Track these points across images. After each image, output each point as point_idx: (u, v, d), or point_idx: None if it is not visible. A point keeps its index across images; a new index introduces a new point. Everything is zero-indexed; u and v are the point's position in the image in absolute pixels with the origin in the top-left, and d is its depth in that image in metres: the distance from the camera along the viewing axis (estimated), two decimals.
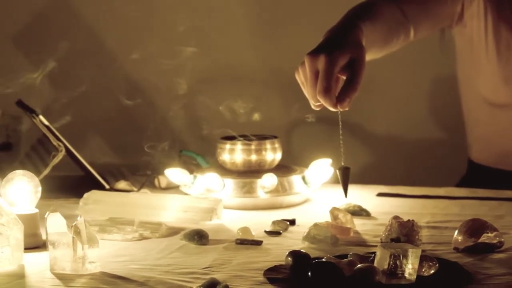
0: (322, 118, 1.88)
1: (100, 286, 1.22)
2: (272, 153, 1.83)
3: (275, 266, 1.29)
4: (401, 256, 1.20)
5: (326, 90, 1.40)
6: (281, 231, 1.55)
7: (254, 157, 1.82)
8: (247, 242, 1.46)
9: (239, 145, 1.82)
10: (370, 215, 1.68)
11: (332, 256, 1.29)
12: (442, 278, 1.23)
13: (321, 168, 1.80)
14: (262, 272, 1.27)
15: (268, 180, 1.75)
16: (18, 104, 1.96)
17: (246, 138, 1.82)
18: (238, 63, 2.55)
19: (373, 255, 1.25)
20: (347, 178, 1.44)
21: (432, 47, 2.07)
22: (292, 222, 1.61)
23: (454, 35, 1.99)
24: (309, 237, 1.44)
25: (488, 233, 1.41)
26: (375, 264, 1.22)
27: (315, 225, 1.46)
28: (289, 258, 1.26)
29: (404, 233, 1.41)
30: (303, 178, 1.80)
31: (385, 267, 1.20)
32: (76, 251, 1.26)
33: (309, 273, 1.20)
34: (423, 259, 1.22)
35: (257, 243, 1.45)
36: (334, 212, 1.56)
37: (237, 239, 1.47)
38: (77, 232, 1.27)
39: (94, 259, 1.27)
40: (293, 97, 1.93)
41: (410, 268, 1.20)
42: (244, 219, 1.64)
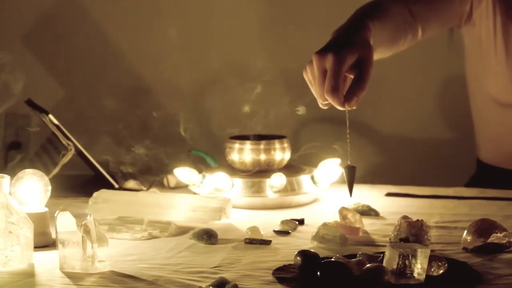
0: (331, 118, 1.89)
1: (110, 285, 1.22)
2: (281, 153, 1.83)
3: (284, 266, 1.29)
4: (410, 256, 1.20)
5: (334, 89, 1.40)
6: (290, 231, 1.55)
7: (263, 157, 1.82)
8: (256, 242, 1.46)
9: (248, 145, 1.82)
10: (379, 215, 1.68)
11: (341, 256, 1.29)
12: (451, 278, 1.23)
13: (330, 168, 1.80)
14: (271, 272, 1.27)
15: (277, 180, 1.76)
16: (28, 103, 1.96)
17: (256, 138, 1.82)
18: (247, 63, 2.55)
19: (382, 255, 1.25)
20: (353, 177, 1.44)
21: (441, 47, 2.07)
22: (301, 222, 1.61)
23: (463, 35, 1.99)
24: (318, 237, 1.44)
25: (497, 233, 1.41)
26: (384, 264, 1.22)
27: (324, 225, 1.46)
28: (298, 258, 1.26)
29: (413, 233, 1.41)
30: (312, 178, 1.80)
31: (394, 267, 1.20)
32: (86, 250, 1.27)
33: (318, 273, 1.20)
34: (432, 259, 1.23)
35: (266, 243, 1.46)
36: (343, 212, 1.56)
37: (246, 239, 1.47)
38: (87, 231, 1.27)
39: (104, 258, 1.28)
40: (302, 97, 1.94)
41: (419, 268, 1.20)
42: (253, 219, 1.64)
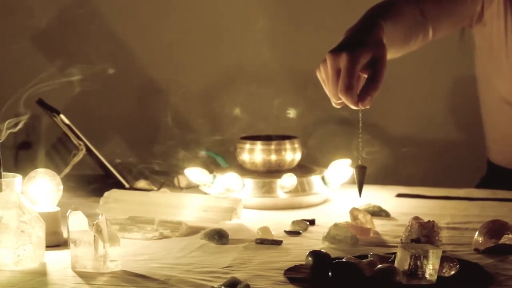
0: (342, 119, 1.88)
1: (121, 284, 1.22)
2: (292, 153, 1.83)
3: (296, 266, 1.29)
4: (422, 257, 1.20)
5: (348, 88, 1.40)
6: (301, 231, 1.55)
7: (274, 157, 1.82)
8: (267, 242, 1.46)
9: (259, 145, 1.82)
10: (390, 216, 1.67)
11: (352, 256, 1.29)
12: (463, 279, 1.23)
13: (341, 169, 1.80)
14: (283, 272, 1.27)
15: (288, 180, 1.76)
16: (39, 103, 1.97)
17: (271, 138, 1.82)
18: (256, 63, 2.55)
19: (394, 256, 1.25)
20: (363, 177, 1.44)
21: (452, 47, 2.07)
22: (312, 222, 1.61)
23: (474, 35, 1.99)
24: (329, 237, 1.44)
25: (509, 234, 1.41)
26: (396, 265, 1.22)
27: (335, 225, 1.46)
28: (310, 258, 1.26)
29: (424, 234, 1.41)
30: (323, 178, 1.80)
31: (406, 268, 1.20)
32: (98, 250, 1.27)
33: (330, 273, 1.20)
34: (444, 260, 1.22)
35: (277, 243, 1.46)
36: (354, 213, 1.56)
37: (257, 239, 1.47)
38: (99, 231, 1.28)
39: (115, 258, 1.28)
40: (312, 97, 1.93)
41: (431, 269, 1.20)
42: (264, 219, 1.64)
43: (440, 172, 2.44)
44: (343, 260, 1.25)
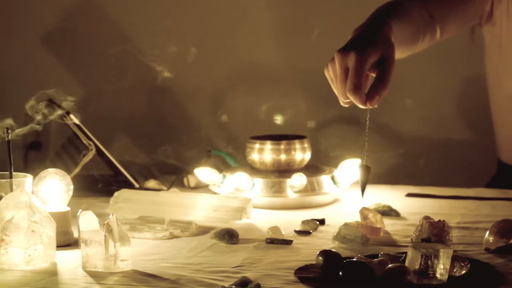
0: (351, 118, 1.88)
1: (132, 284, 1.22)
2: (301, 153, 1.83)
3: (306, 266, 1.29)
4: (433, 257, 1.19)
5: (356, 88, 1.40)
6: (311, 231, 1.55)
7: (284, 157, 1.82)
8: (277, 242, 1.46)
9: (269, 145, 1.82)
10: (400, 216, 1.67)
11: (363, 256, 1.29)
12: (474, 279, 1.23)
13: (350, 168, 1.80)
14: (293, 271, 1.27)
15: (298, 180, 1.76)
16: (49, 103, 1.97)
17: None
18: (265, 63, 2.55)
19: (404, 255, 1.25)
20: (367, 178, 1.44)
21: (461, 46, 2.07)
22: (322, 222, 1.61)
23: (483, 34, 1.98)
24: (339, 237, 1.44)
25: None
26: (406, 264, 1.21)
27: (345, 225, 1.46)
28: (320, 258, 1.26)
29: (435, 234, 1.41)
30: (332, 178, 1.80)
31: (417, 267, 1.20)
32: (108, 249, 1.27)
33: (341, 273, 1.20)
34: (455, 260, 1.22)
35: (287, 243, 1.46)
36: (364, 212, 1.56)
37: (267, 239, 1.47)
38: (109, 230, 1.28)
39: (126, 257, 1.28)
40: (321, 97, 1.93)
41: (442, 268, 1.20)
42: (274, 219, 1.64)
43: (450, 172, 2.44)
44: (354, 260, 1.25)
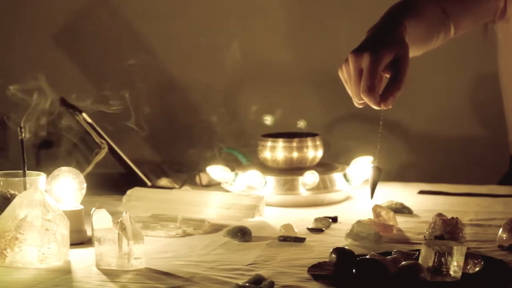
0: (362, 116, 1.88)
1: (146, 282, 1.22)
2: (314, 151, 1.83)
3: (319, 263, 1.29)
4: (446, 254, 1.19)
5: (370, 89, 1.40)
6: (324, 228, 1.55)
7: (296, 155, 1.82)
8: (290, 239, 1.46)
9: (281, 143, 1.82)
10: (412, 213, 1.67)
11: (376, 253, 1.28)
12: (487, 276, 1.22)
13: (362, 166, 1.80)
14: (306, 269, 1.27)
15: (310, 178, 1.76)
16: (61, 102, 1.97)
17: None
18: (277, 61, 2.55)
19: (417, 253, 1.24)
20: (377, 179, 1.43)
21: (474, 43, 2.06)
22: (334, 220, 1.61)
23: (497, 31, 1.97)
24: (352, 234, 1.44)
25: None
26: (420, 262, 1.21)
27: (358, 222, 1.46)
28: (333, 255, 1.26)
29: (448, 231, 1.41)
30: (345, 176, 1.80)
31: (430, 265, 1.19)
32: (122, 247, 1.28)
33: (354, 270, 1.20)
34: (468, 257, 1.22)
35: (300, 240, 1.46)
36: (377, 210, 1.56)
37: (280, 236, 1.47)
38: (123, 228, 1.28)
39: (140, 255, 1.28)
40: (333, 95, 1.93)
41: (455, 266, 1.19)
42: (286, 216, 1.64)
43: (463, 169, 2.43)
44: (368, 257, 1.24)
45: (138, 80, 2.44)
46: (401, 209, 1.67)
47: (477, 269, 1.23)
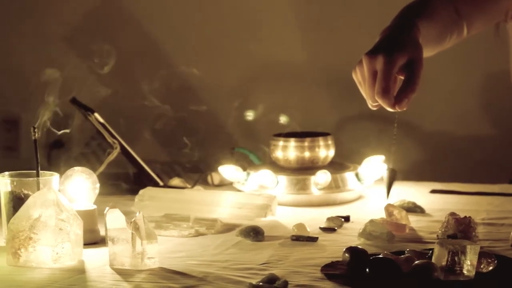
0: (374, 115, 1.88)
1: (160, 281, 1.23)
2: (325, 150, 1.83)
3: (332, 262, 1.30)
4: (460, 253, 1.19)
5: (385, 91, 1.39)
6: (336, 228, 1.55)
7: (307, 154, 1.82)
8: (303, 239, 1.46)
9: (292, 142, 1.82)
10: (425, 212, 1.67)
11: (389, 253, 1.29)
12: (501, 275, 1.22)
13: (374, 165, 1.80)
14: (320, 268, 1.27)
15: (322, 177, 1.76)
16: (73, 102, 1.98)
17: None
18: (288, 61, 2.56)
19: (431, 252, 1.24)
20: (393, 180, 1.44)
21: (485, 42, 2.06)
22: (347, 219, 1.61)
23: (508, 30, 1.97)
24: (365, 234, 1.44)
25: None
26: (433, 261, 1.21)
27: (371, 222, 1.46)
28: (347, 254, 1.26)
29: (461, 230, 1.41)
30: (357, 175, 1.80)
31: (444, 264, 1.19)
32: (135, 247, 1.28)
33: (367, 269, 1.20)
34: (482, 256, 1.22)
35: (313, 240, 1.46)
36: (389, 209, 1.56)
37: (293, 236, 1.47)
38: (136, 228, 1.28)
39: (153, 255, 1.29)
40: (344, 94, 1.93)
41: (469, 265, 1.19)
42: (298, 216, 1.64)
43: (474, 168, 2.43)
44: (381, 256, 1.24)
45: (149, 79, 2.45)
46: (414, 208, 1.67)
47: (491, 268, 1.23)
